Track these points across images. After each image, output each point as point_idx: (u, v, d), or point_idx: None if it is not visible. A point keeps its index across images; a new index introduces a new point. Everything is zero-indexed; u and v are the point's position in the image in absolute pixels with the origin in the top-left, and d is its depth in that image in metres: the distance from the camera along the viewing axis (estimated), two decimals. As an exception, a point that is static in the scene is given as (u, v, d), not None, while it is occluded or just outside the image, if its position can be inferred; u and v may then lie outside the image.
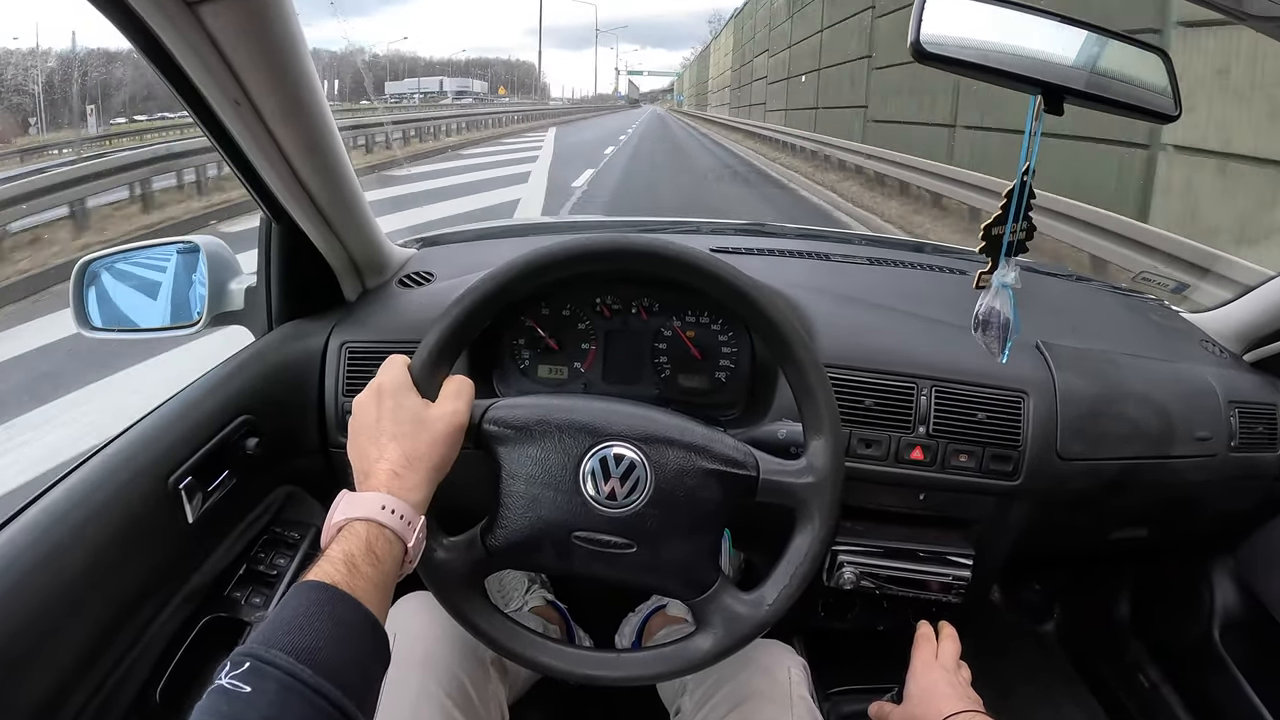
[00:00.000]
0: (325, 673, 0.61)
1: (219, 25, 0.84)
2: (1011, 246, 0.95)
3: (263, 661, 0.60)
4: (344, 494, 0.79)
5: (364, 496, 0.78)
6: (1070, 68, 0.88)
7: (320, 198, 1.15)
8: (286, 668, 0.60)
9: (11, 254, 6.93)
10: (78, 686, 0.86)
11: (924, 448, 1.22)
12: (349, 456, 0.86)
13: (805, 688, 1.11)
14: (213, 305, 1.26)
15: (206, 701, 0.59)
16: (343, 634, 0.66)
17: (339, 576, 0.69)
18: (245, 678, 0.59)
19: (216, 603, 1.13)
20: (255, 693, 0.58)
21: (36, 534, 0.85)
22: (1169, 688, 1.61)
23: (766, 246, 1.61)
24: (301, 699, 0.60)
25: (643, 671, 0.97)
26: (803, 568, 0.94)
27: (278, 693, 0.59)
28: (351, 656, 0.66)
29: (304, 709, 0.59)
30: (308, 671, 0.61)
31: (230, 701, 0.58)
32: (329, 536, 0.76)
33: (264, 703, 0.58)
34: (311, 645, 0.63)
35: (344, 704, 0.61)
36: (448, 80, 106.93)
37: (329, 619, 0.66)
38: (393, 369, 0.89)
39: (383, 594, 0.73)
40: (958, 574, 1.25)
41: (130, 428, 1.04)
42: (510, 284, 0.93)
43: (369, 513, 0.76)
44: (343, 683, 0.62)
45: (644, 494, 0.91)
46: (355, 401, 0.88)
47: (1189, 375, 1.38)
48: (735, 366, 1.32)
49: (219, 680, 0.59)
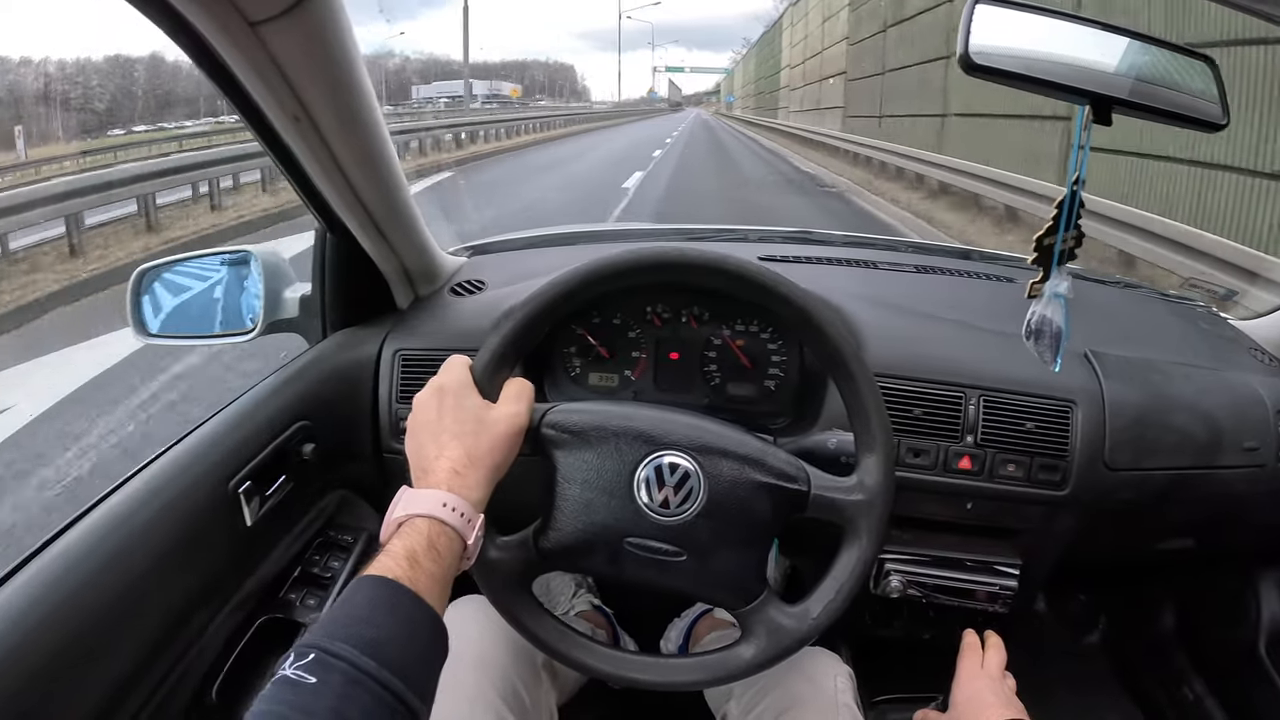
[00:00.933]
0: (389, 665, 0.62)
1: (280, 44, 0.86)
2: (1063, 255, 0.95)
3: (328, 654, 0.61)
4: (404, 490, 0.80)
5: (425, 493, 0.79)
6: (1118, 77, 0.88)
7: (374, 208, 1.17)
8: (352, 659, 0.61)
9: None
10: (137, 686, 0.88)
11: (972, 457, 1.22)
12: (407, 452, 0.87)
13: (850, 695, 1.11)
14: (268, 313, 1.29)
15: (271, 691, 0.59)
16: (406, 628, 0.67)
17: (401, 571, 0.70)
18: (310, 669, 0.60)
19: (272, 604, 1.16)
20: (320, 684, 0.59)
21: (101, 536, 0.87)
22: (1213, 700, 1.59)
23: (814, 255, 1.61)
24: (367, 691, 0.60)
25: (685, 677, 0.98)
26: (849, 584, 0.95)
27: (343, 684, 0.60)
28: (414, 650, 0.67)
29: (369, 701, 0.60)
30: (372, 664, 0.61)
31: (296, 692, 0.59)
32: (389, 532, 0.77)
33: (329, 694, 0.59)
34: (376, 638, 0.64)
35: (407, 696, 0.62)
36: (477, 84, 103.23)
37: (392, 613, 0.67)
38: (454, 369, 0.91)
39: (442, 590, 0.74)
40: (1004, 584, 1.25)
41: (191, 432, 1.06)
42: (575, 291, 0.95)
43: (430, 509, 0.77)
44: (406, 675, 0.63)
45: (697, 503, 0.92)
46: (416, 399, 0.89)
47: (1237, 384, 1.36)
48: (784, 375, 1.32)
49: (283, 671, 0.60)
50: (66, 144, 23.89)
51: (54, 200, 7.85)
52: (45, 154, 19.22)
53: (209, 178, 10.39)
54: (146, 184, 9.14)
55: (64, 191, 8.04)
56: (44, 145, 21.96)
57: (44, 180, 12.04)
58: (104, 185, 8.60)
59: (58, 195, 7.96)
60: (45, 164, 16.64)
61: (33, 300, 6.66)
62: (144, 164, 10.44)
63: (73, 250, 7.84)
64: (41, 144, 21.92)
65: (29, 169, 15.94)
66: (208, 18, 0.81)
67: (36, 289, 6.86)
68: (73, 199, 7.94)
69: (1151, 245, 6.24)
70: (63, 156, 19.03)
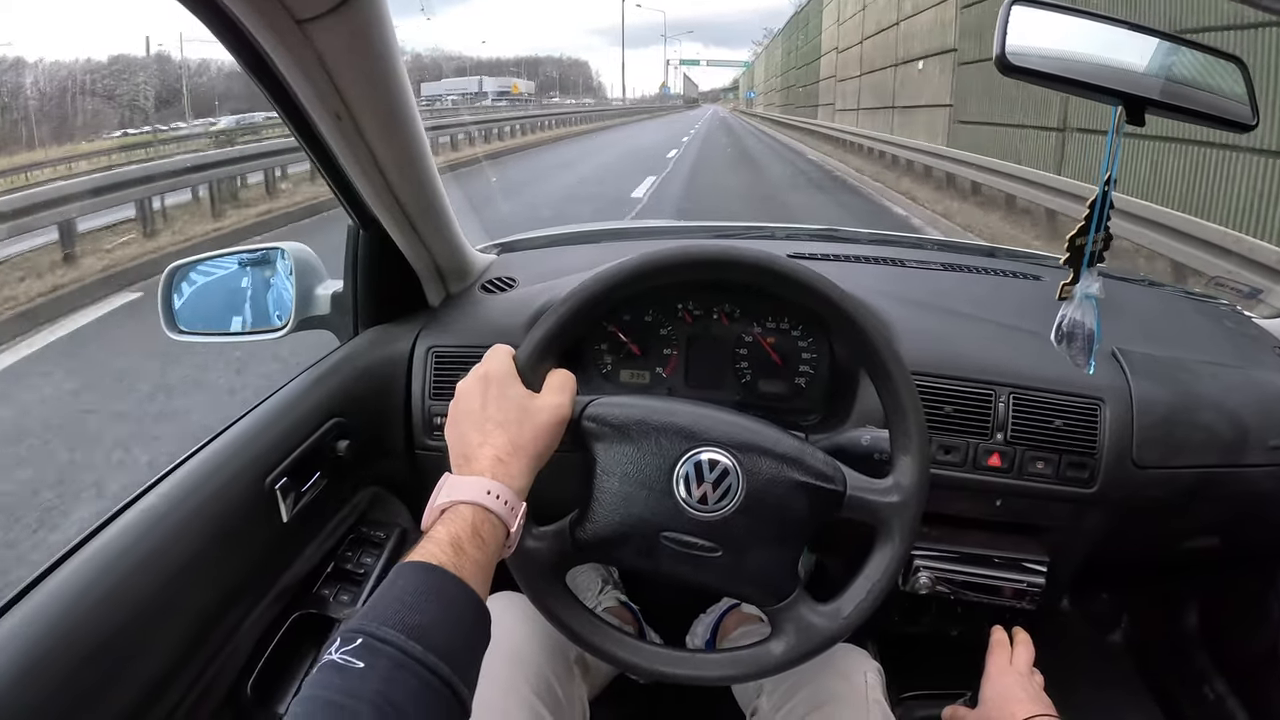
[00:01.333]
0: (436, 650, 0.63)
1: (326, 42, 0.87)
2: (1093, 256, 0.95)
3: (374, 638, 0.61)
4: (448, 476, 0.80)
5: (469, 480, 0.79)
6: (1150, 77, 0.89)
7: (410, 206, 1.18)
8: (399, 644, 0.61)
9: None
10: (173, 683, 0.89)
11: (1001, 454, 1.22)
12: (447, 439, 0.87)
13: (880, 692, 1.12)
14: (299, 310, 1.29)
15: (317, 676, 0.60)
16: (451, 613, 0.67)
17: (445, 558, 0.70)
18: (357, 653, 0.60)
19: (306, 600, 1.16)
20: (368, 668, 0.59)
21: (139, 533, 0.88)
22: (1235, 700, 1.59)
23: (841, 253, 1.62)
24: (414, 675, 0.61)
25: (714, 672, 0.99)
26: (880, 584, 0.95)
27: (390, 669, 0.60)
28: (459, 635, 0.67)
29: (416, 685, 0.60)
30: (419, 648, 0.62)
31: (343, 676, 0.59)
32: (432, 518, 0.77)
33: (377, 678, 0.59)
34: (421, 623, 0.64)
35: (453, 681, 0.63)
36: (488, 80, 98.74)
37: (438, 598, 0.67)
38: (498, 357, 0.91)
39: (485, 576, 0.74)
40: (1032, 581, 1.25)
41: (228, 428, 1.07)
42: (619, 285, 0.95)
43: (475, 496, 0.77)
44: (452, 660, 0.63)
45: (734, 500, 0.92)
46: (460, 386, 0.89)
47: (1263, 382, 1.36)
48: (815, 372, 1.33)
49: (330, 655, 0.60)
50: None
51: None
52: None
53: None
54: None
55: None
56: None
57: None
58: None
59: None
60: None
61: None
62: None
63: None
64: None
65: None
66: (255, 15, 0.82)
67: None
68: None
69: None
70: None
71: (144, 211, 8.68)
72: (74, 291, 6.63)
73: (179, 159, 10.96)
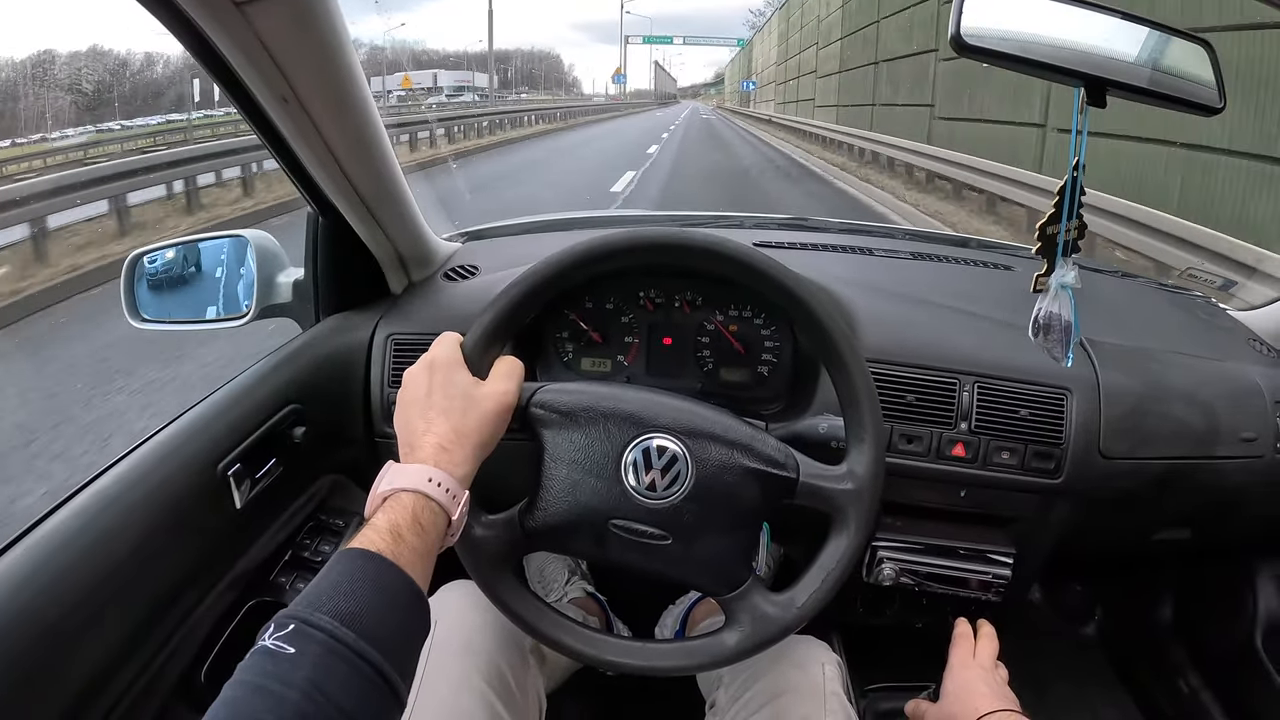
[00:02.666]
0: (368, 637, 0.62)
1: (266, 24, 0.86)
2: (1067, 245, 0.94)
3: (307, 624, 0.61)
4: (390, 465, 0.80)
5: (411, 468, 0.79)
6: (1112, 60, 0.88)
7: (366, 193, 1.17)
8: (330, 630, 0.61)
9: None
10: (125, 665, 0.88)
11: (965, 444, 1.21)
12: (395, 427, 0.87)
13: (839, 684, 1.11)
14: (261, 298, 1.29)
15: (250, 661, 0.59)
16: (386, 600, 0.67)
17: (384, 545, 0.70)
18: (289, 639, 0.60)
19: (262, 588, 1.16)
20: (299, 654, 0.59)
21: (88, 518, 0.87)
22: (1209, 693, 1.59)
23: (810, 241, 1.62)
24: (345, 661, 0.60)
25: (667, 663, 0.98)
26: (835, 573, 0.94)
27: (321, 655, 0.60)
28: (394, 623, 0.67)
29: (346, 671, 0.60)
30: (351, 635, 0.61)
31: (275, 662, 0.59)
32: (374, 506, 0.77)
33: (307, 664, 0.59)
34: (355, 610, 0.63)
35: (385, 668, 0.62)
36: (444, 74, 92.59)
37: (373, 585, 0.67)
38: (445, 344, 0.91)
39: (426, 564, 0.74)
40: (998, 572, 1.25)
41: (181, 415, 1.06)
42: (565, 271, 0.95)
43: (416, 484, 0.77)
44: (385, 648, 0.63)
45: (684, 487, 0.91)
46: (406, 374, 0.89)
47: (1235, 374, 1.35)
48: (777, 361, 1.32)
49: (262, 641, 0.60)
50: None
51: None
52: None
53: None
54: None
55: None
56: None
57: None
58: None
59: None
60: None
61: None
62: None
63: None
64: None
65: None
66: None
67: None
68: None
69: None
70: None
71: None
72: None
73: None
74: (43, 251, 7.03)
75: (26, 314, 6.11)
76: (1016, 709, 0.97)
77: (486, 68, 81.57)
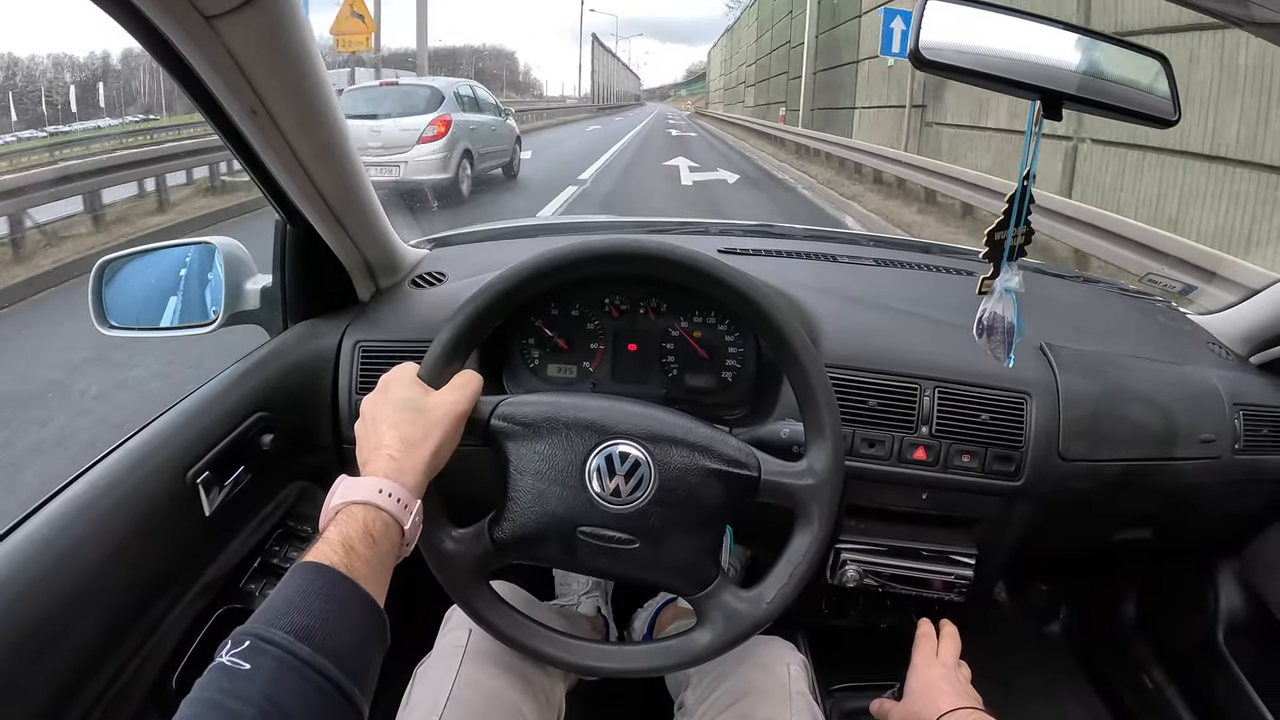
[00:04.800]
0: (323, 651, 0.63)
1: (236, 38, 0.86)
2: (1013, 251, 0.96)
3: (262, 640, 0.61)
4: (342, 478, 0.80)
5: (361, 481, 0.79)
6: (1069, 73, 0.89)
7: (334, 200, 1.17)
8: (285, 645, 0.61)
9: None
10: (96, 673, 0.88)
11: (927, 448, 1.23)
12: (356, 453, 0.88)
13: (804, 683, 1.12)
14: (229, 304, 1.29)
15: (207, 678, 0.60)
16: (340, 613, 0.67)
17: (336, 558, 0.70)
18: (245, 655, 0.60)
19: (231, 595, 1.16)
20: (254, 669, 0.59)
21: (60, 527, 0.88)
22: (1173, 688, 1.62)
23: (774, 248, 1.63)
24: (300, 675, 0.61)
25: (641, 664, 1.00)
26: (801, 568, 0.96)
27: (276, 670, 0.60)
28: (348, 635, 0.67)
29: (302, 685, 0.61)
30: (305, 649, 0.62)
31: (230, 678, 0.59)
32: (326, 519, 0.77)
33: (262, 679, 0.59)
34: (309, 624, 0.64)
35: (341, 681, 0.63)
36: (361, 72, 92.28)
37: (326, 599, 0.67)
38: (400, 367, 0.92)
39: (380, 576, 0.74)
40: (960, 573, 1.26)
41: (150, 423, 1.07)
42: (521, 285, 0.96)
43: (366, 496, 0.77)
44: (340, 660, 0.64)
45: (648, 491, 0.93)
46: (363, 401, 0.90)
47: (1194, 377, 1.38)
48: (741, 366, 1.34)
49: (219, 658, 0.61)
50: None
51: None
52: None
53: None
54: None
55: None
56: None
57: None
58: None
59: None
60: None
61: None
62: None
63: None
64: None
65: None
66: (163, 12, 0.81)
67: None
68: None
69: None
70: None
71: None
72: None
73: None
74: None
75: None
76: (979, 706, 0.99)
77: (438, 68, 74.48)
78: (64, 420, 4.07)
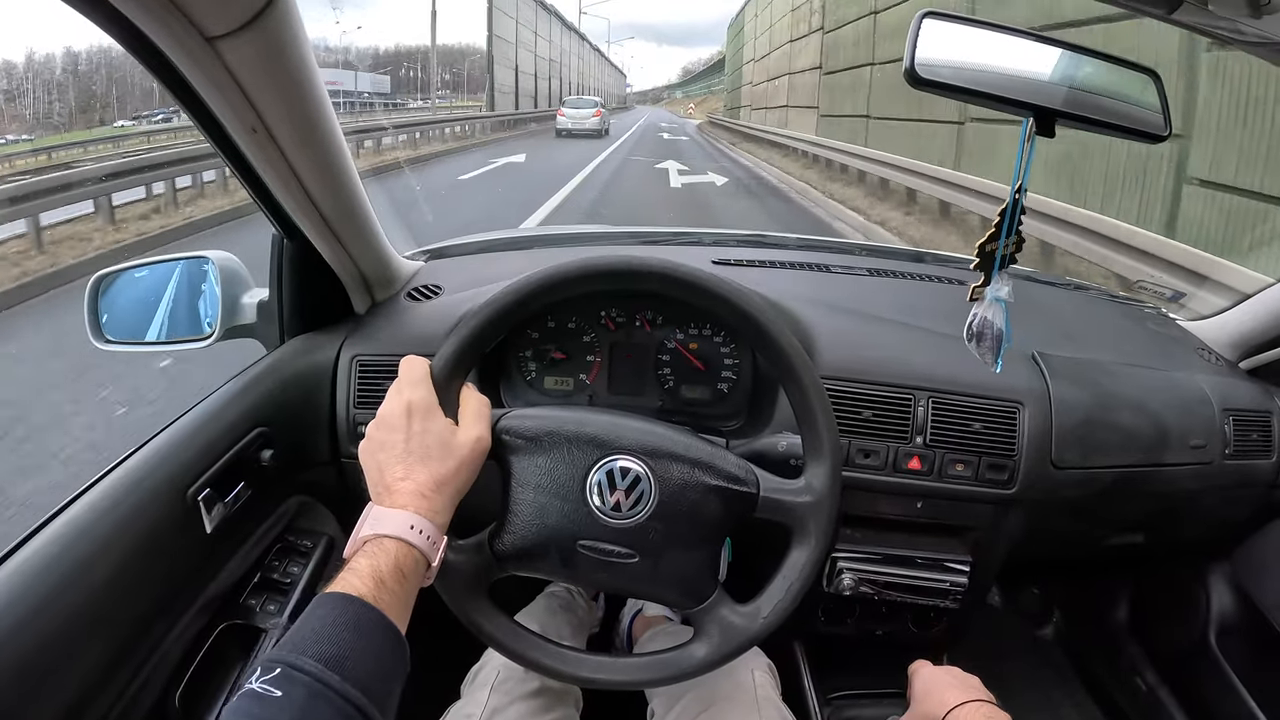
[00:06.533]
0: (352, 680, 0.64)
1: (237, 59, 0.87)
2: (1004, 260, 0.97)
3: (292, 668, 0.63)
4: (373, 507, 0.81)
5: (393, 514, 0.80)
6: (1062, 90, 0.90)
7: (331, 215, 1.17)
8: (316, 674, 0.63)
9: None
10: (101, 694, 0.88)
11: (921, 457, 1.24)
12: (363, 464, 0.88)
13: (772, 689, 1.14)
14: (225, 319, 1.28)
15: (238, 704, 0.61)
16: (369, 645, 0.69)
17: (365, 589, 0.72)
18: (276, 683, 0.61)
19: (232, 610, 1.15)
20: (285, 697, 0.61)
21: (62, 546, 0.88)
22: (1166, 690, 1.64)
23: (768, 258, 1.63)
24: (330, 705, 0.62)
25: (638, 676, 1.00)
26: (797, 583, 0.97)
27: (307, 698, 0.61)
28: (375, 665, 0.68)
29: (332, 714, 0.62)
30: (336, 678, 0.63)
31: (262, 705, 0.60)
32: (354, 548, 0.78)
33: (294, 707, 0.61)
34: (339, 654, 0.65)
35: (369, 710, 0.64)
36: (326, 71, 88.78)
37: (357, 630, 0.69)
38: (417, 382, 0.91)
39: (405, 608, 0.76)
40: (955, 580, 1.27)
41: (149, 440, 1.06)
42: (525, 299, 0.96)
43: (398, 531, 0.78)
44: (368, 690, 0.65)
45: (648, 506, 0.93)
46: (381, 413, 0.89)
47: (1184, 383, 1.39)
48: (737, 378, 1.35)
49: (250, 684, 0.62)
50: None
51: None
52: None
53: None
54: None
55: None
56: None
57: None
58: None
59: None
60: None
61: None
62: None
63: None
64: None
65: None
66: (165, 34, 0.82)
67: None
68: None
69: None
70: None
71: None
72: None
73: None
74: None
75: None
76: (988, 699, 0.99)
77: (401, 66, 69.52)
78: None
